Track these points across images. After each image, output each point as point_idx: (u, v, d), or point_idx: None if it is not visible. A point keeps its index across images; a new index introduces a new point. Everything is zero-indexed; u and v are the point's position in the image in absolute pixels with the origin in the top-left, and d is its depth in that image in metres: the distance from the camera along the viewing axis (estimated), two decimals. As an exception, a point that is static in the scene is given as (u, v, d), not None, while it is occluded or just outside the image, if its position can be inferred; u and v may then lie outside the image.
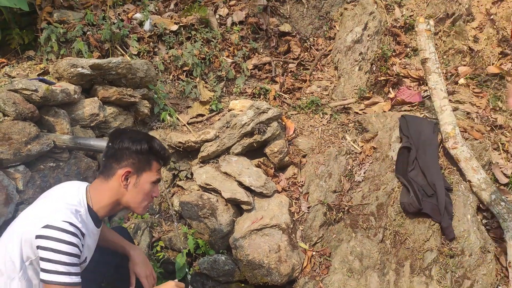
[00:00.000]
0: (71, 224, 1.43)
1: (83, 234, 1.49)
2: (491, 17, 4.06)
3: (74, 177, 2.51)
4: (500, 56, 3.98)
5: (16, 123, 2.26)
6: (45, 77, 2.54)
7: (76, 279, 1.45)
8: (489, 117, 3.31)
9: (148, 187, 1.66)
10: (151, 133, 3.05)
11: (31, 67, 2.97)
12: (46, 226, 1.40)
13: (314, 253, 2.87)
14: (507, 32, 4.10)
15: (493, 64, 3.90)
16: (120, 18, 3.42)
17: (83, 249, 1.52)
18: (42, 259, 1.40)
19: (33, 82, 2.36)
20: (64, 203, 1.52)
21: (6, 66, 2.93)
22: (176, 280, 1.70)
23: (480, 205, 2.79)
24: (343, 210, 2.95)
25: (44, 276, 1.41)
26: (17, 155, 2.24)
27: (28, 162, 2.34)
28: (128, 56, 3.25)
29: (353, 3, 3.79)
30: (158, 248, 2.80)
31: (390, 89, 3.51)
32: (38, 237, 1.40)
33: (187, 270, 2.67)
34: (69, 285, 1.43)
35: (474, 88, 3.68)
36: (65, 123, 2.48)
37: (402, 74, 3.54)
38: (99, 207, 1.63)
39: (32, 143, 2.29)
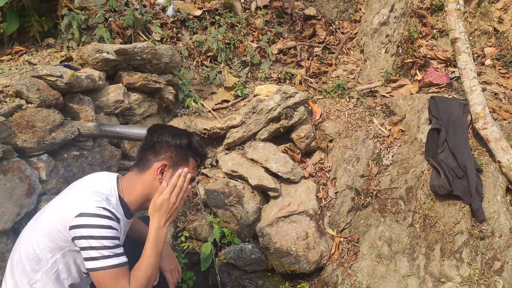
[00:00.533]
0: (104, 209, 1.30)
1: (118, 219, 1.35)
2: (517, -3, 3.71)
3: (98, 166, 2.28)
4: None
5: (40, 110, 2.03)
6: (69, 63, 2.27)
7: (124, 259, 1.32)
8: (514, 96, 3.00)
9: None
10: (176, 120, 2.80)
11: (51, 55, 2.69)
12: (80, 215, 1.27)
13: (342, 239, 2.65)
14: (532, 12, 3.76)
15: None
16: (143, 3, 3.14)
17: (119, 233, 1.36)
18: (83, 248, 1.27)
19: (58, 67, 2.12)
20: (95, 192, 1.37)
21: (25, 54, 2.66)
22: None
23: (510, 186, 2.53)
24: (371, 194, 2.72)
25: (90, 264, 1.27)
26: (41, 144, 2.01)
27: (51, 151, 2.12)
28: (151, 42, 2.97)
29: (378, -15, 3.42)
30: (183, 239, 2.58)
31: (417, 71, 3.18)
32: (72, 227, 1.27)
33: (213, 260, 2.43)
34: (119, 267, 1.30)
35: (500, 69, 3.40)
36: (89, 110, 2.23)
37: (429, 56, 3.21)
38: (130, 200, 1.46)
39: (56, 131, 2.06)
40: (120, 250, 1.32)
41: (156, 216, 1.42)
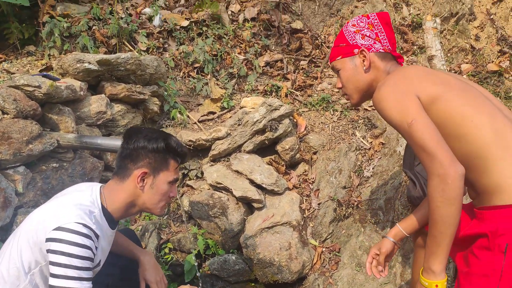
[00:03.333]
0: (84, 225, 1.20)
1: (97, 236, 1.25)
2: (491, 16, 3.71)
3: (79, 178, 2.10)
4: (499, 54, 3.67)
5: (16, 121, 1.85)
6: (48, 73, 2.09)
7: (87, 285, 1.21)
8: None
9: (165, 187, 1.41)
10: (161, 130, 2.62)
11: (32, 63, 2.48)
12: (58, 228, 1.18)
13: (324, 249, 2.57)
14: (505, 31, 3.77)
15: (492, 61, 3.59)
16: (128, 12, 2.95)
17: (97, 251, 1.26)
18: (52, 263, 1.17)
19: (36, 77, 1.94)
20: (77, 204, 1.26)
21: (3, 62, 2.44)
22: (188, 285, 1.43)
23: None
24: (352, 205, 2.64)
25: (52, 281, 1.17)
26: (17, 156, 1.84)
27: (29, 163, 1.94)
28: (137, 52, 2.79)
29: (363, 1, 3.36)
30: (167, 250, 2.43)
31: (398, 86, 3.10)
32: (49, 240, 1.17)
33: (197, 270, 2.30)
34: None
35: None
36: (70, 121, 2.05)
37: (409, 71, 3.13)
38: (114, 208, 1.36)
39: (33, 142, 1.89)
40: (88, 274, 1.20)
41: None
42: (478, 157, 1.15)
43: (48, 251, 1.17)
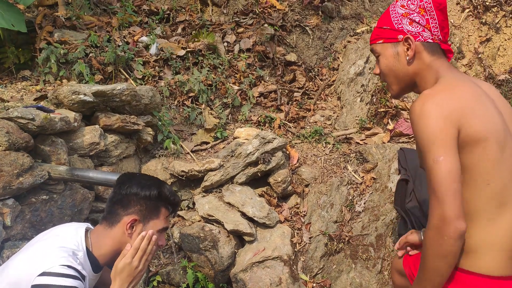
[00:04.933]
0: (70, 267, 1.18)
1: (83, 277, 1.20)
2: (479, 55, 3.86)
3: (68, 210, 2.08)
4: None
5: (8, 153, 1.83)
6: (42, 103, 2.09)
7: None
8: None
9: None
10: (154, 161, 2.62)
11: (26, 88, 2.46)
12: (43, 274, 1.14)
13: (314, 284, 2.54)
14: (492, 69, 3.92)
15: None
16: (126, 40, 2.98)
17: None
18: None
19: (30, 110, 1.92)
20: (60, 247, 1.23)
21: (-2, 86, 2.44)
22: None
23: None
24: (343, 240, 2.64)
25: None
26: (7, 189, 1.81)
27: (18, 195, 1.90)
28: (132, 80, 2.81)
29: (355, 37, 3.46)
30: (155, 283, 2.40)
31: (389, 120, 3.19)
32: (34, 286, 1.14)
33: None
34: None
35: None
36: (62, 153, 2.03)
37: (400, 107, 3.23)
38: (100, 254, 1.33)
39: (24, 175, 1.86)
40: None
41: (117, 280, 1.29)
42: (470, 211, 1.11)
43: None
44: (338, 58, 3.36)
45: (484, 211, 1.11)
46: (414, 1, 1.28)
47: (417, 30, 1.26)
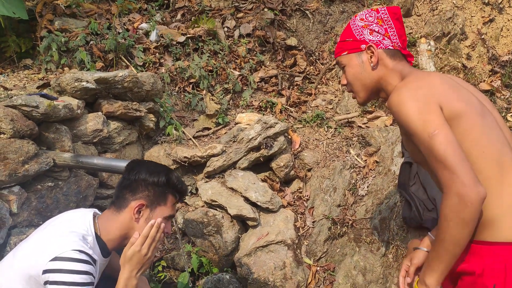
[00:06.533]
0: (81, 251, 1.22)
1: (95, 261, 1.26)
2: (482, 36, 3.85)
3: (74, 196, 2.13)
4: (490, 73, 3.79)
5: (13, 141, 1.86)
6: (45, 91, 2.12)
7: None
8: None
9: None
10: (156, 147, 2.67)
11: (28, 77, 2.50)
12: (55, 259, 1.18)
13: (318, 268, 2.60)
14: (496, 51, 3.91)
15: (484, 81, 3.70)
16: (126, 27, 3.00)
17: (96, 276, 1.26)
18: None
19: (34, 97, 1.96)
20: (71, 231, 1.27)
21: (0, 76, 2.47)
22: None
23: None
24: (347, 224, 2.68)
25: None
26: (13, 176, 1.85)
27: (24, 182, 1.95)
28: (133, 67, 2.83)
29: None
30: (160, 268, 2.46)
31: (392, 104, 3.19)
32: (46, 271, 1.18)
33: (190, 290, 2.34)
34: None
35: None
36: (66, 140, 2.08)
37: (402, 90, 3.23)
38: (108, 239, 1.38)
39: (30, 162, 1.90)
40: None
41: (127, 267, 1.33)
42: None
43: (47, 282, 1.18)
44: (339, 41, 3.36)
45: (490, 178, 1.13)
46: (372, 14, 1.40)
47: (377, 38, 1.37)
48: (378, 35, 1.38)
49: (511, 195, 1.13)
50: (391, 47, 1.37)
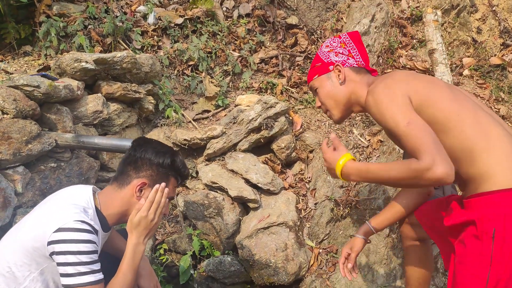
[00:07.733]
0: (83, 222, 1.32)
1: (96, 231, 1.37)
2: (493, 8, 3.89)
3: (76, 178, 2.31)
4: (502, 47, 3.84)
5: (16, 121, 2.05)
6: (46, 73, 2.30)
7: (100, 276, 1.35)
8: (492, 107, 3.16)
9: None
10: (156, 130, 2.83)
11: (29, 63, 2.69)
12: (58, 230, 1.28)
13: (321, 250, 2.72)
14: (508, 23, 3.95)
15: (495, 55, 3.75)
16: (123, 11, 3.16)
17: (98, 245, 1.39)
18: (61, 264, 1.29)
19: (35, 77, 2.14)
20: (72, 204, 1.39)
21: (0, 62, 2.66)
22: None
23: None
24: (350, 205, 2.77)
25: (66, 281, 1.29)
26: (17, 155, 2.03)
27: (27, 163, 2.13)
28: (132, 50, 3.00)
29: (360, -5, 3.54)
30: (161, 251, 2.59)
31: (397, 82, 3.29)
32: (51, 242, 1.28)
33: (192, 272, 2.47)
34: (95, 284, 1.32)
35: (477, 79, 3.51)
36: (67, 121, 2.26)
37: (409, 66, 3.33)
38: (108, 213, 1.50)
39: (33, 142, 2.09)
40: (97, 266, 1.34)
41: (134, 233, 1.46)
42: (464, 149, 1.31)
43: (53, 253, 1.28)
44: (342, 18, 3.46)
45: (477, 143, 1.30)
46: (335, 40, 1.69)
47: (342, 59, 1.64)
48: (342, 56, 1.64)
49: (497, 148, 1.29)
50: (356, 65, 1.64)
